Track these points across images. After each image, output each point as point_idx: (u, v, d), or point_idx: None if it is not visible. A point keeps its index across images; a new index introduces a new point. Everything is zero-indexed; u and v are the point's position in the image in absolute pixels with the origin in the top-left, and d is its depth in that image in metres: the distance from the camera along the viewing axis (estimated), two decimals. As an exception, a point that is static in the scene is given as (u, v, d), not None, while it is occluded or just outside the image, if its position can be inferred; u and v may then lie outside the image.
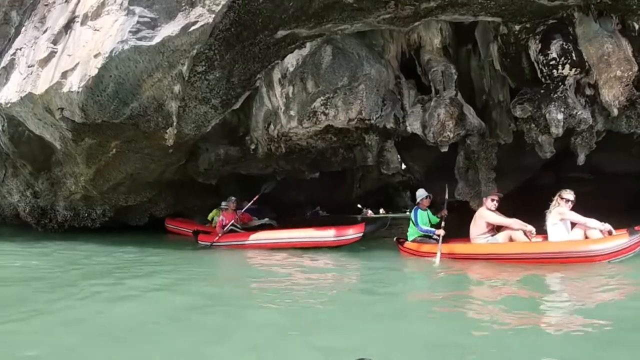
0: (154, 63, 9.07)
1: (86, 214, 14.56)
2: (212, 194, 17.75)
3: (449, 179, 16.65)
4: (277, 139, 11.63)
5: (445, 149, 11.84)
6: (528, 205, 9.69)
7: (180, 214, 16.39)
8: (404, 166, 32.58)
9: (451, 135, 10.98)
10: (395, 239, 9.66)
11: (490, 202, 8.46)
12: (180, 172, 13.68)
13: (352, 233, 10.24)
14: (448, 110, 10.70)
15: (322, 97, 10.05)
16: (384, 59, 11.23)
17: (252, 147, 12.67)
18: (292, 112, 10.37)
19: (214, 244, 11.14)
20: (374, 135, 12.15)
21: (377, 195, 37.26)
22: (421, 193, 9.65)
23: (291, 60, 10.51)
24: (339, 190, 36.88)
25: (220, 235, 11.02)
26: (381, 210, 35.29)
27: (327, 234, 10.28)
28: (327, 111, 10.12)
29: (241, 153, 12.88)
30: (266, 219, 13.48)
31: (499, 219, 8.27)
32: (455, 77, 11.09)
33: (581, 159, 11.70)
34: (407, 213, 35.98)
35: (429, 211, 9.48)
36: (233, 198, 11.31)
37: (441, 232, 8.50)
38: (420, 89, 11.84)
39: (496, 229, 8.37)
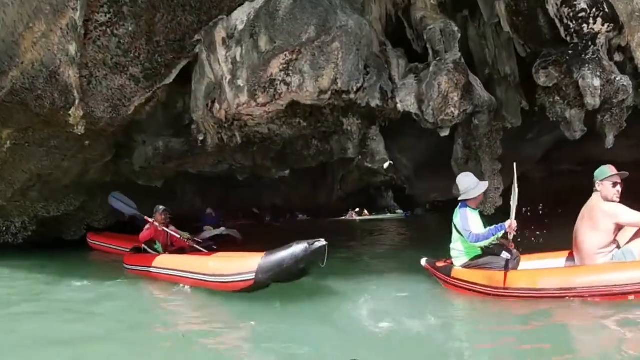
0: (30, 6, 5.88)
1: (4, 228, 11.24)
2: (164, 200, 14.57)
3: (442, 175, 13.74)
4: (227, 124, 8.45)
5: (445, 133, 8.82)
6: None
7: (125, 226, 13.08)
8: (388, 164, 30.05)
9: (456, 113, 7.93)
10: (424, 261, 6.22)
11: (612, 189, 5.00)
12: (112, 172, 10.45)
13: None
14: (452, 78, 7.65)
15: (280, 59, 6.84)
16: (366, 19, 8.15)
17: (200, 137, 9.51)
18: (239, 82, 7.15)
19: (126, 267, 8.11)
20: (355, 119, 9.06)
21: (359, 196, 34.52)
22: (470, 182, 5.73)
23: (240, 16, 7.33)
24: (319, 192, 34.19)
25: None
26: (364, 212, 32.43)
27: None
28: (288, 79, 6.95)
29: (186, 146, 9.67)
30: (222, 229, 10.35)
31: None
32: (459, 36, 8.05)
33: (610, 141, 9.01)
34: (390, 215, 33.71)
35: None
36: (161, 208, 7.93)
37: (511, 226, 5.08)
38: (411, 60, 8.80)
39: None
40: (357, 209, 32.68)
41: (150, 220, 7.70)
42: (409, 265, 7.33)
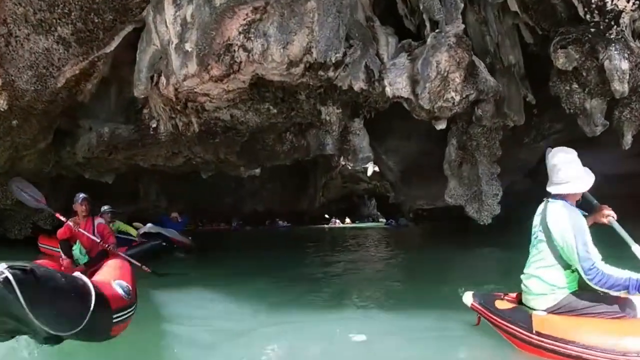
0: None
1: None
2: (126, 198, 12.81)
3: (431, 180, 12.19)
4: (180, 106, 6.80)
5: (442, 125, 7.27)
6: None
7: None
8: (372, 169, 28.45)
9: (457, 99, 6.36)
10: (469, 297, 3.96)
11: None
12: (51, 162, 8.68)
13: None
14: (453, 55, 6.09)
15: (240, 18, 5.20)
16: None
17: (153, 124, 7.84)
18: (187, 46, 5.49)
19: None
20: (335, 108, 7.47)
21: (342, 204, 32.97)
22: (578, 164, 3.39)
23: (195, -33, 5.75)
24: (301, 199, 32.63)
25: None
26: (347, 220, 30.88)
27: None
28: (249, 44, 5.31)
29: (136, 134, 7.98)
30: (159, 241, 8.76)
31: None
32: (462, 6, 6.50)
33: (628, 140, 7.54)
34: (373, 223, 32.17)
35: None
36: (81, 196, 6.06)
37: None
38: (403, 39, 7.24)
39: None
40: (335, 218, 31.11)
41: (62, 218, 5.89)
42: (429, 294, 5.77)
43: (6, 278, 2.28)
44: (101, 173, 9.33)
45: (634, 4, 6.08)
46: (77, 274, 3.22)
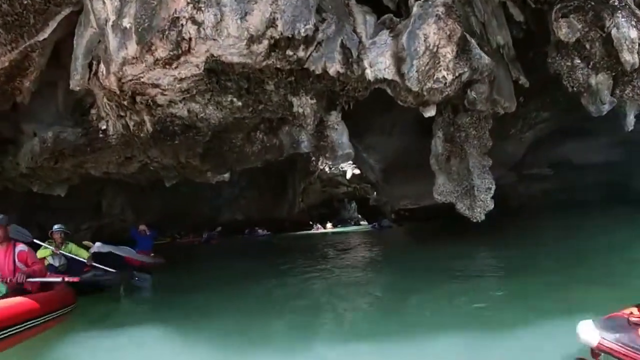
0: None
1: None
2: (87, 213, 11.61)
3: (416, 177, 11.28)
4: (128, 101, 5.72)
5: (430, 112, 6.36)
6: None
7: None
8: (350, 172, 27.51)
9: (449, 78, 5.43)
10: (595, 335, 2.54)
11: None
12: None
13: None
14: (443, 26, 5.16)
15: (185, -16, 4.23)
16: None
17: (102, 126, 6.75)
18: (126, 22, 4.45)
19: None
20: (308, 98, 6.48)
21: (322, 209, 31.94)
22: None
23: None
24: (280, 206, 31.53)
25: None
26: (328, 225, 29.86)
27: None
28: (200, 16, 4.30)
29: (84, 138, 6.87)
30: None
31: None
32: (449, -27, 5.59)
33: (630, 121, 6.80)
34: (355, 227, 31.16)
35: None
36: None
37: None
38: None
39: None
40: (318, 224, 30.07)
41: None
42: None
43: None
44: (50, 185, 8.16)
45: (636, -33, 5.33)
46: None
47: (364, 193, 29.44)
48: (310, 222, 29.63)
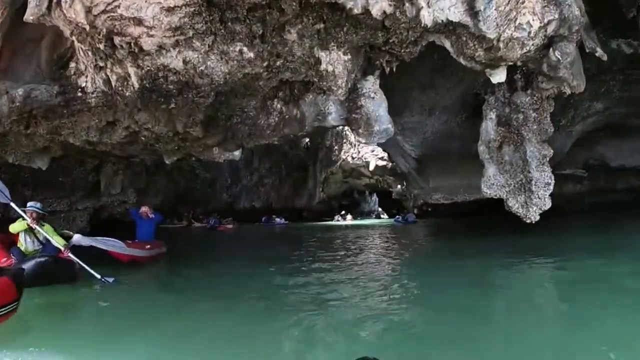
0: None
1: None
2: (84, 192, 10.23)
3: (458, 167, 9.66)
4: (104, 44, 4.24)
5: (500, 77, 4.75)
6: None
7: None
8: (374, 163, 25.80)
9: (535, 26, 3.84)
10: None
11: None
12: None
13: None
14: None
15: None
16: None
17: (82, 82, 5.28)
18: None
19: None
20: (340, 52, 4.91)
21: (342, 200, 30.38)
22: None
23: None
24: (300, 195, 30.05)
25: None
26: (348, 217, 28.32)
27: None
28: None
29: (61, 97, 5.40)
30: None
31: None
32: None
33: None
34: (377, 220, 29.43)
35: None
36: None
37: None
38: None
39: None
40: (342, 213, 28.57)
41: None
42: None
43: None
44: (28, 155, 6.73)
45: None
46: None
47: (387, 186, 27.80)
48: (334, 214, 28.13)
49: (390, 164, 24.76)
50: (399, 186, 26.00)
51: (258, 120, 6.32)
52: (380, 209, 32.64)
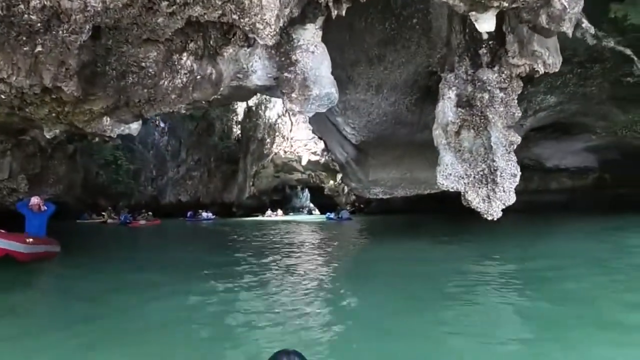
0: None
1: None
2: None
3: (402, 157, 8.43)
4: None
5: (488, 25, 3.44)
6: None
7: None
8: (307, 158, 24.34)
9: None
10: None
11: None
12: None
13: None
14: None
15: None
16: None
17: None
18: None
19: None
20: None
21: (273, 195, 28.68)
22: None
23: None
24: (230, 190, 28.10)
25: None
26: (279, 212, 26.84)
27: None
28: None
29: None
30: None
31: None
32: None
33: None
34: (309, 216, 28.02)
35: None
36: None
37: None
38: None
39: None
40: (270, 209, 27.01)
41: None
42: None
43: None
44: None
45: None
46: None
47: (319, 181, 26.48)
48: (266, 209, 26.51)
49: (323, 158, 23.58)
50: (331, 182, 24.84)
51: (160, 81, 4.60)
52: (311, 205, 31.41)
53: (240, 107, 25.89)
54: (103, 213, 20.09)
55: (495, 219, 5.96)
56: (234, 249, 8.19)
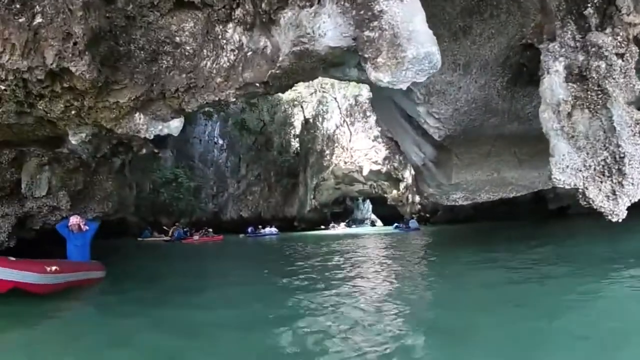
0: None
1: None
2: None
3: (493, 156, 7.08)
4: None
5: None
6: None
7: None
8: (368, 168, 23.02)
9: None
10: None
11: None
12: None
13: None
14: None
15: None
16: None
17: None
18: None
19: None
20: None
21: (334, 207, 27.55)
22: None
23: None
24: (291, 204, 27.36)
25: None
26: (341, 224, 25.70)
27: None
28: None
29: None
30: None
31: None
32: None
33: None
34: (374, 228, 26.61)
35: None
36: None
37: None
38: None
39: None
40: (333, 222, 25.96)
41: None
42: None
43: None
44: None
45: None
46: None
47: (381, 192, 25.06)
48: (327, 222, 25.53)
49: (385, 167, 22.21)
50: (394, 191, 23.35)
51: (202, 62, 3.60)
52: (374, 216, 30.09)
53: (298, 120, 25.17)
54: (166, 228, 19.57)
55: (619, 220, 4.51)
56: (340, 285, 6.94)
